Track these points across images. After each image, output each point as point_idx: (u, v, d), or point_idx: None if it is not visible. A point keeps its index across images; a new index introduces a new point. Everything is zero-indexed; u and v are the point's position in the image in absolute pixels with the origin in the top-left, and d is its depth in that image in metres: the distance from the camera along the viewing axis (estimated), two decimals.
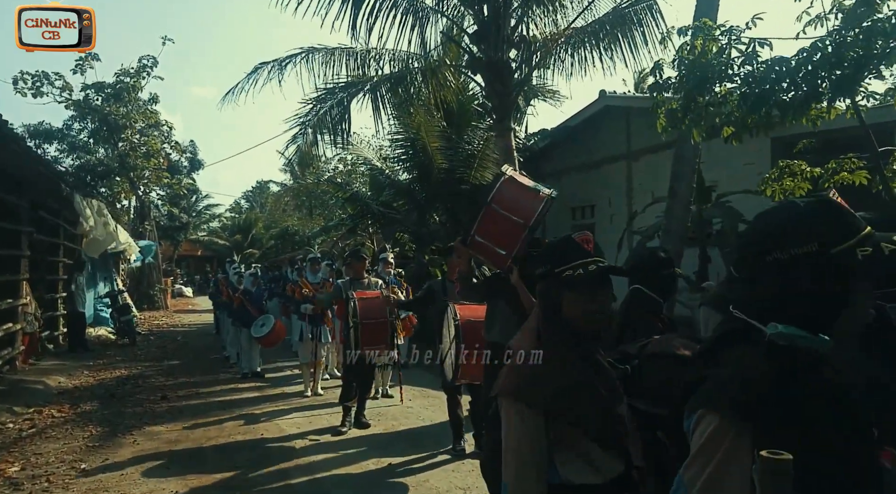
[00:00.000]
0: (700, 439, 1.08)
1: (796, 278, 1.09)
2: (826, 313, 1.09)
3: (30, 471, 4.71)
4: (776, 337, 1.08)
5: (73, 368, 9.35)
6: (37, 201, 8.99)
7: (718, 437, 1.05)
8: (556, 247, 1.71)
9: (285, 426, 6.13)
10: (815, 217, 1.10)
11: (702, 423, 1.09)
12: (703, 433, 1.08)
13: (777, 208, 1.20)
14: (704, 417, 1.09)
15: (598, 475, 1.52)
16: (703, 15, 5.98)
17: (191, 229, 34.58)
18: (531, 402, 1.51)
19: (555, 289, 1.63)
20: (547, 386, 1.51)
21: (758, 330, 1.12)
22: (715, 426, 1.06)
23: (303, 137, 10.67)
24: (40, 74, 18.78)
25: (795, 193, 4.37)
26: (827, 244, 1.07)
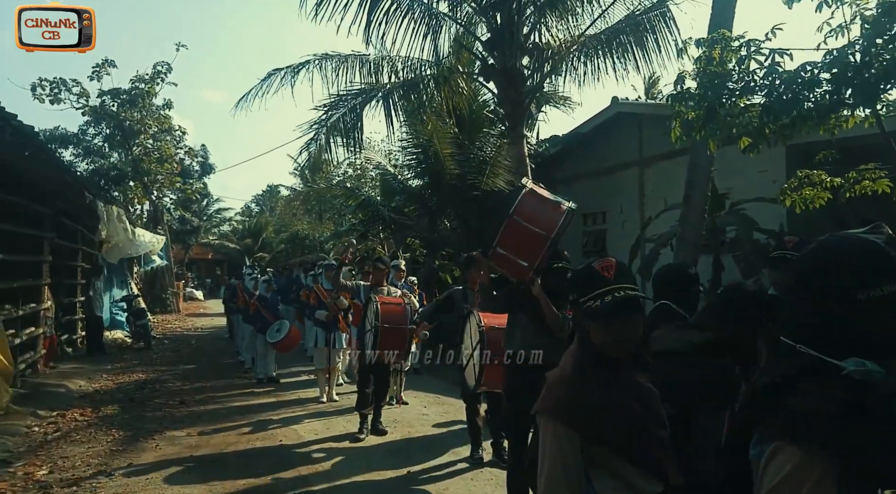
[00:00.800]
0: (779, 472, 1.09)
1: (883, 315, 1.11)
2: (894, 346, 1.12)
3: (58, 475, 4.81)
4: (856, 373, 1.10)
5: (93, 371, 9.49)
6: (59, 207, 9.16)
7: (801, 472, 1.06)
8: (579, 276, 1.74)
9: (303, 433, 6.20)
10: (892, 255, 1.14)
11: (779, 455, 1.10)
12: (782, 466, 1.08)
13: (856, 243, 1.21)
14: (783, 449, 1.10)
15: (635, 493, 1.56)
16: (719, 24, 6.02)
17: (202, 233, 34.89)
18: (568, 422, 1.56)
19: (581, 318, 1.67)
20: (584, 407, 1.56)
21: (830, 365, 1.12)
22: (797, 460, 1.07)
23: (315, 143, 10.80)
24: (58, 81, 19.13)
25: (816, 203, 4.37)
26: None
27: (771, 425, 1.15)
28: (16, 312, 7.44)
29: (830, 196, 4.38)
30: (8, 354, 6.50)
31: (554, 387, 1.64)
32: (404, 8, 9.15)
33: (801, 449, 1.07)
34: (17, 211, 7.36)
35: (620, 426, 1.56)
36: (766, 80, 3.46)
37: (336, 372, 8.15)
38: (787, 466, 1.08)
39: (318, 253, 24.34)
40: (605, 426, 1.55)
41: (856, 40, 3.23)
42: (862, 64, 3.12)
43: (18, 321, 7.66)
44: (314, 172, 17.43)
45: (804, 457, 1.06)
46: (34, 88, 18.68)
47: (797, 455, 1.07)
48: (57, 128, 24.13)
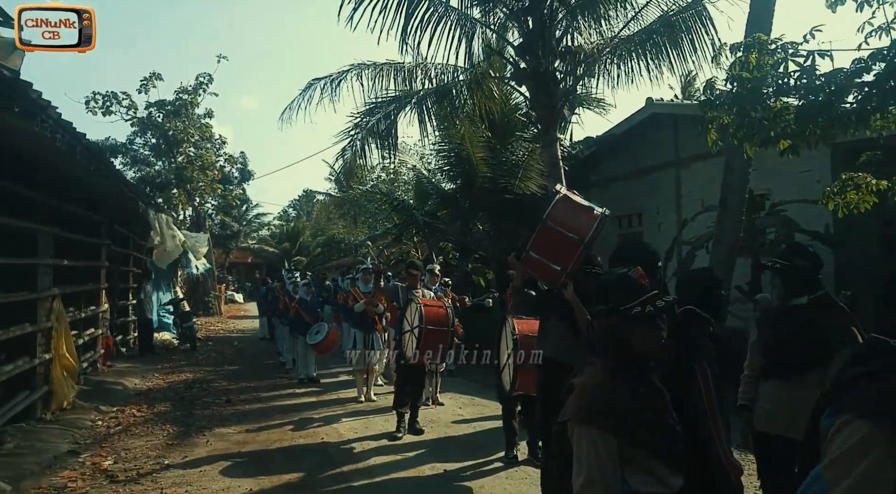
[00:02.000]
0: (845, 443, 1.20)
1: None
2: None
3: (122, 465, 5.17)
4: None
5: (145, 371, 9.97)
6: (113, 215, 9.67)
7: (866, 445, 1.17)
8: (617, 286, 1.83)
9: (343, 431, 6.43)
10: None
11: (848, 428, 1.21)
12: (848, 438, 1.20)
13: None
14: (852, 422, 1.21)
15: (665, 487, 1.68)
16: (757, 23, 5.96)
17: (241, 238, 35.79)
18: (605, 426, 1.66)
19: (622, 325, 1.76)
20: (619, 412, 1.67)
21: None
22: (864, 434, 1.18)
23: (351, 149, 11.06)
24: (110, 95, 20.08)
25: (861, 207, 4.29)
26: None
27: (844, 400, 1.26)
28: (79, 314, 7.93)
29: (876, 200, 4.27)
30: (74, 353, 6.94)
31: (586, 394, 1.74)
32: (439, 15, 9.30)
33: (870, 424, 1.18)
34: (78, 220, 7.84)
35: (652, 427, 1.68)
36: (801, 82, 3.45)
37: (374, 373, 8.37)
38: (854, 438, 1.19)
39: (354, 256, 24.73)
40: (639, 429, 1.66)
41: None
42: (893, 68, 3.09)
43: (81, 323, 8.16)
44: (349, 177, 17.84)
45: (870, 432, 1.17)
46: (87, 101, 19.67)
47: (864, 429, 1.18)
48: (107, 139, 25.27)
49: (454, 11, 9.46)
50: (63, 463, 5.13)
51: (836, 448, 1.21)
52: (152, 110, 21.08)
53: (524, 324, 4.54)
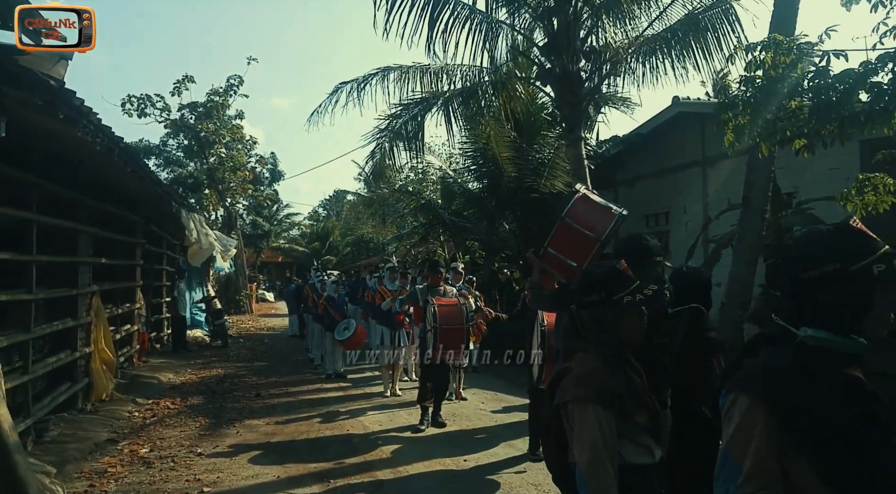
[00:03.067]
0: (736, 418, 1.33)
1: (825, 291, 1.34)
2: (851, 319, 1.34)
3: (157, 452, 5.43)
4: (807, 339, 1.34)
5: (178, 366, 10.32)
6: (148, 215, 10.03)
7: (750, 418, 1.30)
8: (611, 276, 1.95)
9: (368, 424, 6.60)
10: (835, 241, 1.37)
11: (735, 404, 1.35)
12: (737, 412, 1.33)
13: (806, 234, 1.46)
14: (738, 398, 1.35)
15: (651, 456, 1.90)
16: (782, 23, 5.93)
17: (272, 237, 36.48)
18: (606, 404, 1.81)
19: (614, 312, 1.90)
20: (616, 393, 1.83)
21: (792, 333, 1.37)
22: (747, 406, 1.32)
23: (380, 150, 11.23)
24: (144, 97, 20.69)
25: (879, 208, 4.26)
26: (848, 263, 1.32)
27: (731, 380, 1.41)
28: (116, 310, 8.27)
29: (894, 200, 4.25)
30: (112, 347, 7.26)
31: (585, 379, 1.88)
32: (463, 18, 9.42)
33: (750, 398, 1.32)
34: (115, 219, 8.19)
35: (639, 405, 1.86)
36: (815, 82, 3.48)
37: (399, 369, 8.53)
38: (741, 411, 1.32)
39: (382, 255, 25.01)
40: (630, 406, 1.84)
41: None
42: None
43: (118, 319, 8.50)
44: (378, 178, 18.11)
45: (750, 405, 1.31)
46: (123, 104, 20.28)
47: (747, 402, 1.32)
48: (141, 140, 26.11)
49: (480, 14, 9.56)
50: (103, 450, 5.41)
51: (732, 424, 1.33)
52: (185, 112, 21.63)
53: (553, 317, 4.62)
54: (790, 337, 1.37)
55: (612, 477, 1.75)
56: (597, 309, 1.92)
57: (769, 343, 1.43)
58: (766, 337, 1.45)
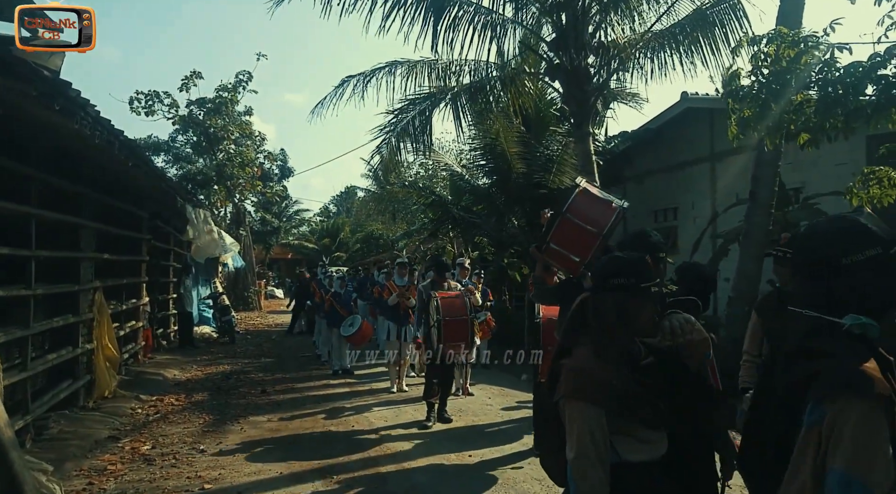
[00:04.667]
0: (853, 428, 1.20)
1: (868, 275, 1.31)
2: (886, 303, 1.32)
3: (159, 450, 5.42)
4: (855, 328, 1.29)
5: (184, 363, 10.35)
6: (154, 211, 10.06)
7: (872, 422, 1.20)
8: (640, 263, 1.91)
9: (374, 420, 6.58)
10: (869, 227, 1.34)
11: (845, 412, 1.21)
12: (851, 420, 1.20)
13: (841, 220, 1.41)
14: (846, 406, 1.22)
15: (652, 452, 1.80)
16: (788, 17, 5.87)
17: (282, 234, 36.57)
18: (594, 400, 1.76)
19: (638, 299, 1.84)
20: (606, 387, 1.77)
21: (835, 323, 1.31)
22: (865, 413, 1.20)
23: (387, 146, 11.19)
24: (152, 94, 20.73)
25: (884, 201, 4.21)
26: (887, 247, 1.31)
27: (822, 389, 1.27)
28: (120, 307, 8.28)
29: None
30: (115, 344, 7.28)
31: (576, 375, 1.83)
32: (469, 16, 9.36)
33: (862, 400, 1.22)
34: (120, 215, 8.20)
35: (636, 397, 1.78)
36: (821, 75, 3.42)
37: (406, 364, 8.51)
38: (859, 418, 1.20)
39: (391, 251, 25.02)
40: (625, 399, 1.76)
41: None
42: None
43: (122, 316, 8.52)
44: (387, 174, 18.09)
45: (867, 406, 1.21)
46: (131, 101, 20.33)
47: (860, 405, 1.21)
48: (150, 136, 26.18)
49: (485, 11, 9.49)
50: (104, 448, 5.41)
51: (848, 437, 1.20)
52: (193, 108, 21.65)
53: (551, 309, 4.57)
54: (836, 328, 1.31)
55: (601, 475, 1.71)
56: (621, 294, 1.86)
57: (825, 337, 1.33)
58: (813, 331, 1.36)
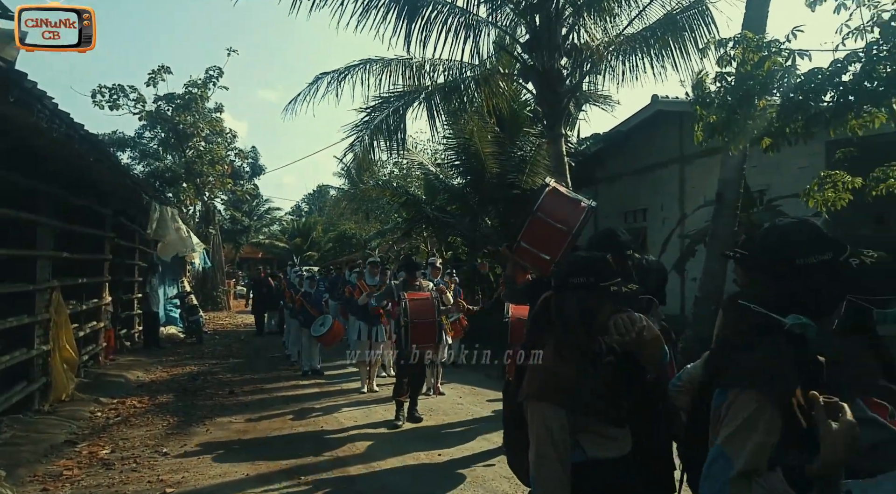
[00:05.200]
0: (740, 414, 1.30)
1: (816, 278, 1.36)
2: (828, 306, 1.38)
3: (119, 453, 5.25)
4: (795, 327, 1.34)
5: (149, 364, 10.09)
6: (118, 208, 9.78)
7: (760, 414, 1.27)
8: (601, 263, 1.92)
9: (343, 420, 6.51)
10: (825, 233, 1.40)
11: (739, 400, 1.31)
12: (742, 409, 1.30)
13: (799, 223, 1.46)
14: (741, 394, 1.31)
15: (618, 449, 1.81)
16: (752, 23, 6.01)
17: (252, 233, 36.03)
18: (554, 400, 1.77)
19: (598, 298, 1.85)
20: (566, 386, 1.77)
21: (776, 321, 1.36)
22: (757, 404, 1.28)
23: (360, 144, 11.09)
24: (117, 88, 20.14)
25: (837, 204, 4.35)
26: (837, 254, 1.37)
27: (730, 376, 1.37)
28: (80, 307, 8.01)
29: (852, 197, 4.36)
30: (74, 345, 7.03)
31: (538, 374, 1.84)
32: (443, 16, 9.34)
33: (757, 393, 1.29)
34: (81, 212, 7.94)
35: (599, 396, 1.78)
36: (783, 80, 3.51)
37: (377, 364, 8.44)
38: (749, 408, 1.29)
39: (364, 251, 24.84)
40: (587, 399, 1.77)
41: (869, 44, 3.26)
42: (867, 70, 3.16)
43: (82, 316, 8.25)
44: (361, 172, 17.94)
45: (759, 399, 1.28)
46: (94, 94, 19.69)
47: (754, 397, 1.29)
48: (115, 132, 25.46)
49: (459, 11, 9.48)
50: (59, 452, 5.21)
51: (733, 421, 1.30)
52: (161, 104, 21.14)
53: (521, 309, 4.58)
54: (777, 325, 1.36)
55: (559, 475, 1.72)
56: (582, 293, 1.87)
57: (759, 333, 1.40)
58: (754, 327, 1.42)
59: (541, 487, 1.73)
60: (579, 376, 1.79)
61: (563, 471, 1.72)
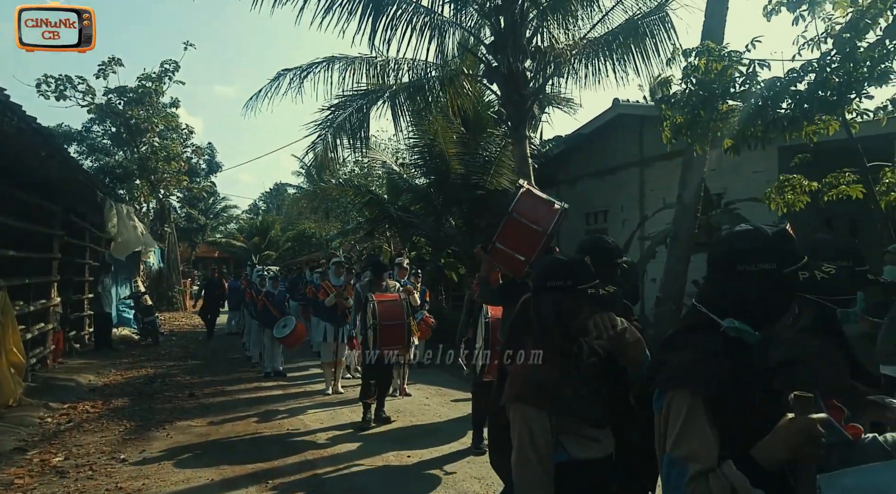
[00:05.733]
0: (679, 416, 1.33)
1: (756, 286, 1.40)
2: (769, 315, 1.42)
3: (73, 461, 5.02)
4: (730, 330, 1.39)
5: (101, 367, 9.71)
6: (69, 205, 9.36)
7: (694, 412, 1.31)
8: (578, 265, 1.93)
9: (309, 422, 6.41)
10: (775, 243, 1.43)
11: (674, 402, 1.35)
12: (679, 410, 1.33)
13: (750, 230, 1.49)
14: (676, 396, 1.35)
15: (600, 449, 1.84)
16: (711, 33, 6.23)
17: (208, 231, 35.12)
18: (536, 403, 1.78)
19: (575, 301, 1.86)
20: (548, 388, 1.79)
21: (714, 322, 1.41)
22: (689, 402, 1.32)
23: (322, 142, 10.95)
24: (63, 78, 19.23)
25: (796, 206, 4.57)
26: (781, 265, 1.40)
27: (662, 378, 1.41)
28: (27, 308, 7.61)
29: (809, 200, 4.58)
30: (21, 348, 6.68)
31: (519, 377, 1.85)
32: (408, 15, 9.31)
33: (689, 391, 1.33)
34: (29, 209, 7.56)
35: (580, 397, 1.81)
36: (744, 87, 3.67)
37: (342, 365, 8.35)
38: (684, 408, 1.33)
39: (327, 251, 24.53)
40: (569, 400, 1.79)
41: (823, 54, 3.43)
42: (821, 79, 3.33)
43: (29, 317, 7.84)
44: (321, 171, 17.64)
45: (693, 397, 1.32)
46: (39, 84, 18.78)
47: (688, 397, 1.33)
48: (60, 125, 24.39)
49: (424, 11, 9.47)
50: (9, 461, 4.96)
51: (674, 424, 1.33)
52: (112, 97, 20.36)
53: (499, 309, 4.60)
54: (714, 326, 1.41)
55: (541, 476, 1.73)
56: (559, 295, 1.88)
57: (692, 331, 1.45)
58: (691, 325, 1.48)
59: (522, 489, 1.75)
60: (561, 377, 1.80)
61: (545, 473, 1.74)
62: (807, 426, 1.21)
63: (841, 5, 3.42)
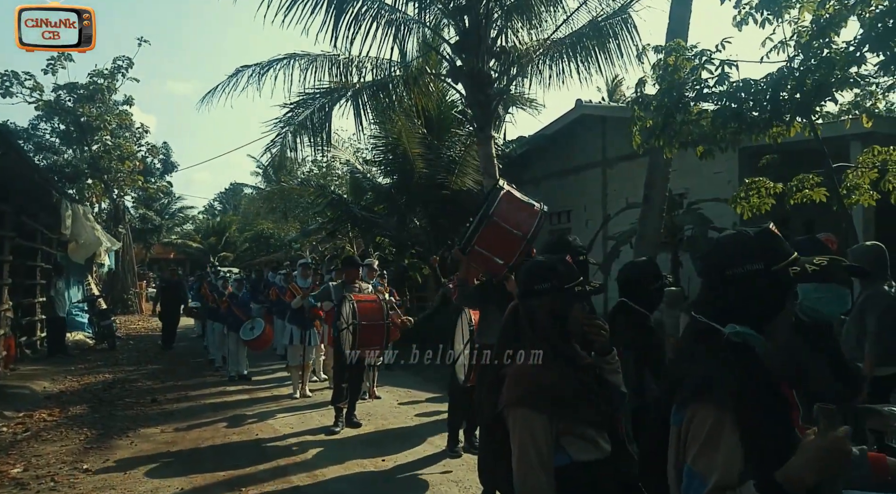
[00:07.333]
0: (702, 430, 1.30)
1: (748, 288, 1.40)
2: (766, 316, 1.42)
3: (33, 472, 4.81)
4: (733, 336, 1.39)
5: (56, 373, 9.31)
6: (21, 205, 8.95)
7: (719, 427, 1.29)
8: (562, 266, 1.95)
9: (279, 427, 6.31)
10: (760, 243, 1.44)
11: (697, 416, 1.32)
12: (702, 425, 1.31)
13: (734, 235, 1.51)
14: (699, 410, 1.33)
15: (599, 451, 1.84)
16: (675, 32, 6.38)
17: (164, 232, 34.07)
18: (536, 407, 1.78)
19: (565, 302, 1.89)
20: (549, 391, 1.79)
21: (717, 330, 1.41)
22: (714, 418, 1.30)
23: (281, 141, 10.77)
24: (9, 74, 18.43)
25: (762, 209, 4.72)
26: (769, 264, 1.40)
27: (683, 393, 1.38)
28: None
29: (774, 202, 4.73)
30: None
31: (517, 381, 1.85)
32: (373, 12, 9.23)
33: (713, 406, 1.31)
34: None
35: (580, 400, 1.82)
36: (717, 88, 3.76)
37: (309, 369, 8.24)
38: (708, 422, 1.30)
39: (292, 252, 24.10)
40: (569, 403, 1.80)
41: (792, 58, 3.57)
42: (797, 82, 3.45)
43: None
44: (278, 171, 17.29)
45: (717, 411, 1.30)
46: None
47: (712, 411, 1.30)
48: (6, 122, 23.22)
49: (388, 9, 9.42)
50: None
51: (696, 438, 1.31)
52: (61, 94, 19.54)
53: (478, 314, 4.61)
54: (717, 334, 1.41)
55: (542, 482, 1.73)
56: (547, 298, 1.89)
57: (698, 342, 1.45)
58: (696, 335, 1.48)
59: (523, 492, 1.74)
60: (560, 380, 1.82)
61: (548, 477, 1.74)
62: (838, 447, 1.16)
63: (807, 8, 3.56)
